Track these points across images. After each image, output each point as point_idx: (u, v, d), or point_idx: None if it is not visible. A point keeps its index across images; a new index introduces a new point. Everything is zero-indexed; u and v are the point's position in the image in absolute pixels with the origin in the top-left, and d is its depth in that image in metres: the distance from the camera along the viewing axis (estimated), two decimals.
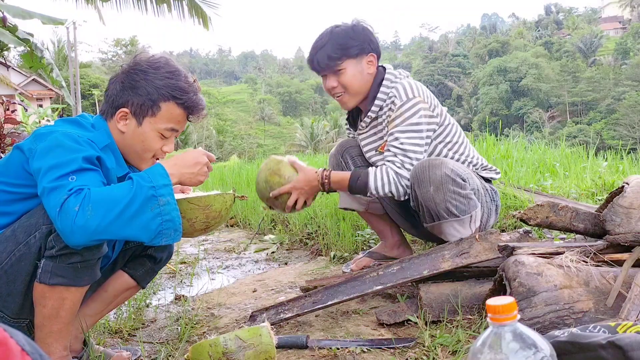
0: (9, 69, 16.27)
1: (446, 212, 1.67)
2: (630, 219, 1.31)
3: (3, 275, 1.17)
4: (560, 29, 78.71)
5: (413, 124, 1.74)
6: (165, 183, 1.16)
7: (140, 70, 1.32)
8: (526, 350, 0.67)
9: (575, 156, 3.57)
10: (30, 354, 0.53)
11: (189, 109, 1.35)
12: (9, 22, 3.66)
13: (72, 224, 1.06)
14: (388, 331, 1.51)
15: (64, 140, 1.17)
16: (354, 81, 1.79)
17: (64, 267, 1.15)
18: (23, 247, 1.16)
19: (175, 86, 1.31)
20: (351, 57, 1.77)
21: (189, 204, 1.30)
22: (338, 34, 1.78)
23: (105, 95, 1.37)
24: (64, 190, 1.08)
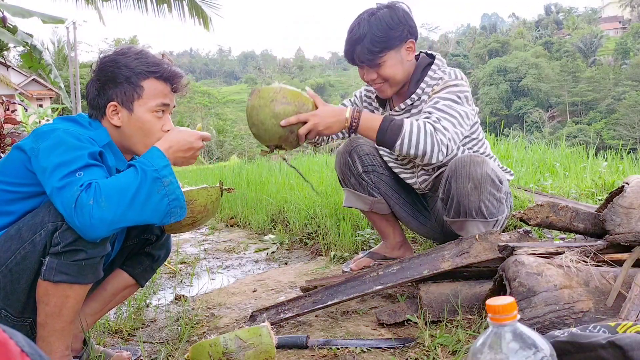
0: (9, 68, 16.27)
1: (476, 212, 1.65)
2: (630, 219, 1.31)
3: (7, 273, 1.17)
4: (560, 29, 78.71)
5: (456, 95, 1.66)
6: (165, 164, 1.19)
7: (109, 61, 1.32)
8: (526, 350, 0.67)
9: (575, 156, 3.57)
10: (30, 355, 0.53)
11: (169, 80, 1.34)
12: (9, 22, 3.66)
13: (90, 218, 1.08)
14: (388, 331, 1.51)
15: (67, 138, 1.18)
16: (395, 72, 1.72)
17: (68, 264, 1.15)
18: (28, 245, 1.16)
19: (147, 62, 1.32)
20: (392, 48, 1.68)
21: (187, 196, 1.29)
22: (377, 25, 1.66)
23: (88, 101, 1.36)
24: (75, 187, 1.10)
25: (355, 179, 2.00)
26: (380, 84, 1.75)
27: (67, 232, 1.14)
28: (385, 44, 1.67)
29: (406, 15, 1.71)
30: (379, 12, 1.69)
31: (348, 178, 2.02)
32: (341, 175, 2.04)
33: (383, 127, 1.57)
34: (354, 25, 1.71)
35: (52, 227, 1.15)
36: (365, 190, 2.01)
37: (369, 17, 1.68)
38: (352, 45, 1.69)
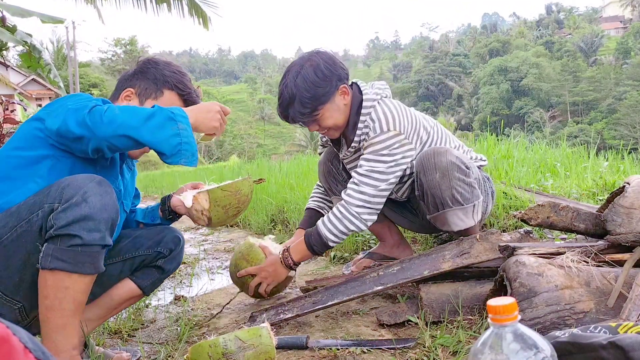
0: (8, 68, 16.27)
1: (451, 200, 1.66)
2: (631, 219, 1.31)
3: (2, 249, 1.17)
4: (561, 28, 78.71)
5: (379, 154, 1.68)
6: (184, 115, 1.22)
7: (153, 62, 1.48)
8: (527, 350, 0.66)
9: (576, 156, 3.56)
10: (33, 351, 0.53)
11: (186, 102, 1.46)
12: (9, 22, 3.66)
13: (101, 117, 1.15)
14: (388, 332, 1.50)
15: (81, 95, 1.28)
16: (333, 121, 1.74)
17: (64, 250, 1.13)
18: (25, 224, 1.16)
19: (180, 80, 1.46)
20: (325, 103, 1.70)
21: (223, 192, 1.44)
22: (303, 85, 1.66)
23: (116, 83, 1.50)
24: (90, 105, 1.18)
25: (342, 185, 2.01)
26: (326, 131, 1.81)
27: (61, 214, 1.13)
28: (315, 102, 1.68)
29: (330, 66, 1.70)
30: (303, 71, 1.68)
31: (335, 185, 2.03)
32: (327, 184, 2.05)
33: (309, 244, 1.73)
34: (282, 88, 1.72)
35: (48, 208, 1.15)
36: None
37: (294, 79, 1.68)
38: (285, 109, 1.73)
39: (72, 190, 1.14)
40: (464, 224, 1.69)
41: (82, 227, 1.13)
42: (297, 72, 1.69)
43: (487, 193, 1.86)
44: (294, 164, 6.13)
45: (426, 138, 1.81)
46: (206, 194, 1.45)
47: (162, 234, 1.50)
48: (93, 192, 1.15)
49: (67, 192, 1.14)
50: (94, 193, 1.16)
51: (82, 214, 1.13)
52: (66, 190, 1.15)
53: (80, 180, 1.16)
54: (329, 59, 1.72)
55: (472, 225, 1.71)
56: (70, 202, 1.13)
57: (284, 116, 1.76)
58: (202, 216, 1.46)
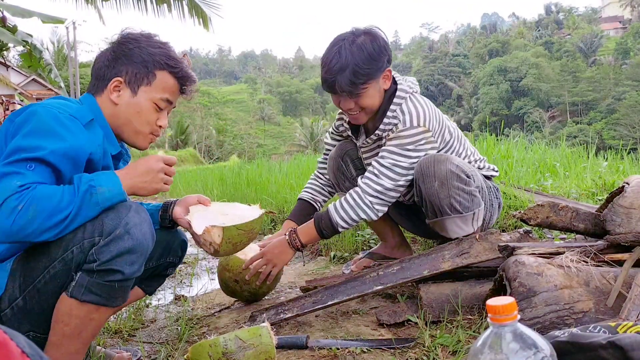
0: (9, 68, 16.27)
1: (449, 208, 1.66)
2: (630, 219, 1.31)
3: (35, 294, 1.09)
4: (561, 28, 78.72)
5: (405, 149, 1.67)
6: (112, 180, 1.10)
7: (132, 39, 1.27)
8: (526, 350, 0.67)
9: (576, 156, 3.57)
10: (31, 356, 0.53)
11: (182, 80, 1.31)
12: (9, 22, 3.66)
13: (11, 224, 0.98)
14: (388, 331, 1.51)
15: (43, 117, 1.09)
16: (372, 101, 1.70)
17: (100, 284, 1.07)
18: (58, 263, 1.07)
19: (169, 55, 1.28)
20: (374, 79, 1.66)
21: (238, 230, 1.35)
22: (360, 55, 1.61)
23: (93, 71, 1.29)
24: (14, 182, 1.01)
25: (350, 183, 2.00)
26: (356, 113, 1.73)
27: (104, 248, 1.06)
28: (368, 76, 1.63)
29: (385, 44, 1.68)
30: (359, 40, 1.63)
31: (342, 182, 2.02)
32: (335, 180, 2.04)
33: (319, 227, 1.70)
34: (334, 53, 1.64)
35: (88, 244, 1.07)
36: None
37: (350, 46, 1.62)
38: (334, 75, 1.63)
39: (113, 221, 1.08)
40: (462, 232, 1.69)
41: (125, 261, 1.08)
42: (352, 40, 1.63)
43: (491, 204, 1.84)
44: (294, 164, 6.13)
45: (449, 139, 1.80)
46: (220, 230, 1.33)
47: (169, 241, 1.43)
48: (134, 223, 1.09)
49: (108, 224, 1.07)
50: (135, 223, 1.09)
51: (126, 248, 1.07)
52: (106, 221, 1.07)
53: (119, 211, 1.09)
54: (384, 39, 1.69)
55: (471, 232, 1.70)
56: (114, 235, 1.07)
57: (329, 83, 1.66)
58: (209, 246, 1.36)
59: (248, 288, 1.85)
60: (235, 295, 1.92)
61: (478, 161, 1.92)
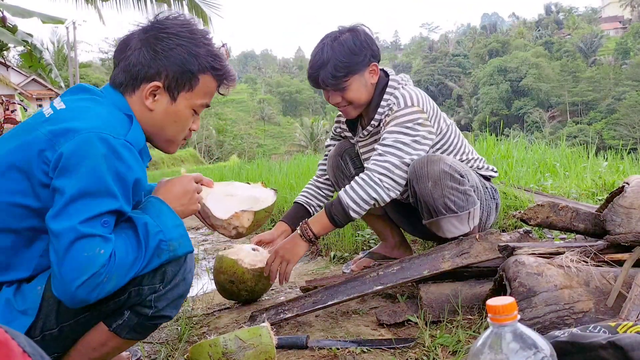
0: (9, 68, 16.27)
1: (444, 208, 1.67)
2: (630, 219, 1.31)
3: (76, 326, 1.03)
4: (561, 28, 78.72)
5: (404, 127, 1.69)
6: (176, 224, 1.04)
7: (173, 35, 1.08)
8: (526, 350, 0.67)
9: (576, 156, 3.57)
10: (32, 355, 0.53)
11: (223, 80, 1.17)
12: (9, 22, 3.66)
13: (94, 298, 0.93)
14: (388, 331, 1.51)
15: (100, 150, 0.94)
16: (358, 95, 1.75)
17: (147, 325, 1.06)
18: (112, 303, 1.02)
19: (213, 54, 1.12)
20: (356, 73, 1.72)
21: (265, 213, 1.40)
22: (340, 50, 1.69)
23: (122, 62, 1.10)
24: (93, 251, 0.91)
25: (349, 181, 2.00)
26: (345, 106, 1.79)
27: (163, 296, 1.04)
28: (348, 69, 1.70)
29: (368, 39, 1.74)
30: (342, 37, 1.71)
31: (342, 180, 2.02)
32: (334, 178, 2.04)
33: (330, 214, 1.66)
34: (317, 49, 1.73)
35: (149, 290, 1.03)
36: None
37: (332, 42, 1.71)
38: (316, 70, 1.72)
39: (175, 267, 1.05)
40: (458, 231, 1.69)
41: (176, 305, 1.09)
42: (335, 37, 1.72)
43: (488, 204, 1.84)
44: (294, 164, 6.13)
45: (445, 130, 1.83)
46: (252, 214, 1.35)
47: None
48: (189, 267, 1.09)
49: (170, 272, 1.05)
50: (190, 268, 1.09)
51: (180, 294, 1.08)
52: (169, 268, 1.04)
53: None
54: (368, 34, 1.76)
55: (467, 231, 1.70)
56: (174, 283, 1.05)
57: (313, 78, 1.75)
58: (232, 230, 1.34)
59: (245, 287, 1.85)
60: (234, 297, 1.92)
61: (476, 160, 1.92)
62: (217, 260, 1.90)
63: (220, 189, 1.41)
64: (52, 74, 4.13)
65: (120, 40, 1.13)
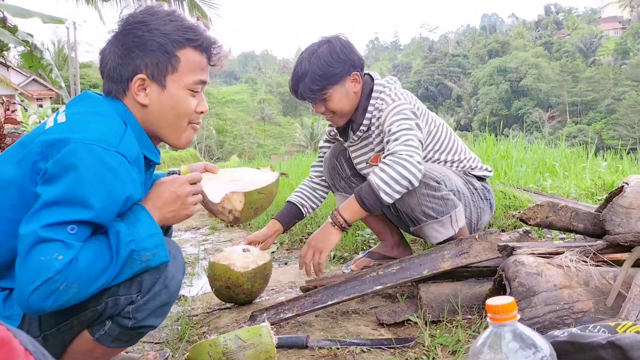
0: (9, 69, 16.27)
1: (423, 215, 1.69)
2: (629, 218, 1.31)
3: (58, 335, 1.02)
4: (560, 29, 78.71)
5: (403, 114, 1.72)
6: (152, 232, 0.99)
7: (138, 23, 1.07)
8: (526, 350, 0.67)
9: (575, 156, 3.57)
10: (34, 354, 0.54)
11: (208, 50, 1.12)
12: (9, 22, 3.66)
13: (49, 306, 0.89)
14: (388, 331, 1.51)
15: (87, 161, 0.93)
16: (340, 105, 1.79)
17: (130, 334, 1.05)
18: (90, 312, 1.01)
19: (183, 26, 1.08)
20: (335, 84, 1.75)
21: (259, 195, 1.32)
22: (317, 63, 1.73)
23: (105, 73, 1.10)
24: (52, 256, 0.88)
25: (345, 182, 2.02)
26: (330, 115, 1.84)
27: (142, 307, 1.01)
28: (325, 81, 1.74)
29: (345, 50, 1.76)
30: (319, 50, 1.76)
31: (338, 182, 2.03)
32: (331, 180, 2.05)
33: (360, 198, 1.61)
34: (297, 63, 1.79)
35: (125, 300, 1.00)
36: None
37: (309, 56, 1.76)
38: (295, 84, 1.79)
39: (153, 277, 1.01)
40: (442, 236, 1.71)
41: (158, 314, 1.05)
42: (313, 50, 1.77)
43: (478, 205, 1.86)
44: (294, 164, 6.13)
45: (435, 131, 1.86)
46: (242, 195, 1.28)
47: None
48: (172, 274, 1.03)
49: (147, 281, 1.01)
50: (173, 275, 1.03)
51: (162, 302, 1.04)
52: (146, 277, 1.00)
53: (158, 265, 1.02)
54: (347, 44, 1.78)
55: (452, 234, 1.71)
56: (153, 293, 1.01)
57: (294, 91, 1.82)
58: (228, 214, 1.30)
59: (241, 290, 1.85)
60: (232, 301, 1.93)
61: (469, 160, 1.92)
62: (210, 267, 1.90)
63: (226, 175, 1.36)
64: (52, 74, 4.13)
65: (99, 53, 1.12)
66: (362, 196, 1.60)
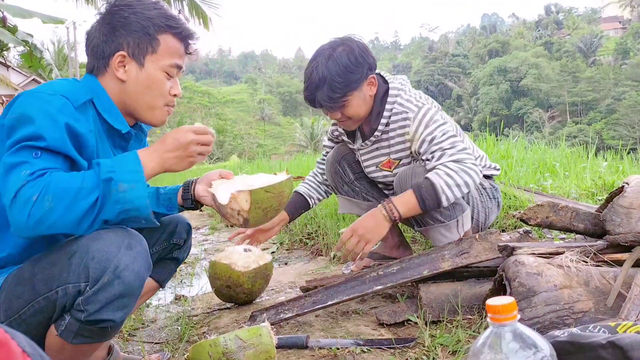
0: (9, 68, 16.27)
1: (430, 219, 1.68)
2: (630, 219, 1.31)
3: (22, 323, 1.02)
4: (560, 29, 78.73)
5: (435, 120, 1.67)
6: (133, 169, 1.01)
7: (124, 5, 1.16)
8: (526, 350, 0.67)
9: (575, 156, 3.58)
10: (31, 356, 0.53)
11: (185, 39, 1.21)
12: (9, 22, 3.66)
13: (27, 218, 0.93)
14: (388, 331, 1.51)
15: (32, 101, 1.02)
16: (358, 110, 1.71)
17: (92, 330, 1.01)
18: (43, 300, 1.00)
19: (167, 15, 1.18)
20: (355, 90, 1.66)
21: (266, 193, 1.26)
22: (336, 69, 1.62)
23: (89, 50, 1.18)
24: (22, 171, 0.95)
25: (348, 187, 2.00)
26: (345, 121, 1.75)
27: (92, 298, 0.97)
28: (346, 88, 1.63)
29: (363, 52, 1.67)
30: (336, 54, 1.63)
31: (341, 186, 2.02)
32: (333, 183, 2.04)
33: (420, 197, 1.56)
34: (312, 69, 1.66)
35: (73, 289, 0.98)
36: (360, 196, 2.01)
37: (326, 61, 1.63)
38: (312, 92, 1.66)
39: (100, 265, 0.97)
40: (446, 240, 1.69)
41: (116, 307, 1.00)
42: (329, 55, 1.64)
43: (486, 205, 1.84)
44: (294, 164, 6.14)
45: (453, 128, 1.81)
46: (247, 194, 1.24)
47: (173, 224, 1.41)
48: (125, 264, 0.99)
49: (94, 270, 0.97)
50: (126, 264, 0.99)
51: (116, 294, 0.98)
52: (92, 266, 0.97)
53: (107, 251, 0.98)
54: (363, 45, 1.69)
55: (456, 239, 1.69)
56: (102, 283, 0.97)
57: (310, 99, 1.69)
58: (237, 216, 1.27)
59: (242, 290, 1.86)
60: (232, 300, 1.93)
61: (479, 159, 1.91)
62: (211, 266, 1.90)
63: (240, 181, 1.33)
64: (52, 74, 4.14)
65: (85, 33, 1.20)
66: (423, 195, 1.56)
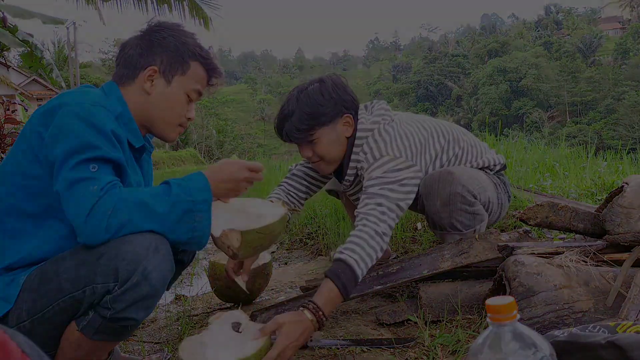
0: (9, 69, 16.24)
1: (450, 227, 1.66)
2: (629, 218, 1.32)
3: (44, 322, 1.05)
4: (560, 29, 78.72)
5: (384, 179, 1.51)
6: (205, 198, 1.09)
7: (166, 28, 1.26)
8: (526, 350, 0.67)
9: (575, 156, 3.58)
10: (31, 356, 0.53)
11: (211, 72, 1.30)
12: (10, 23, 3.67)
13: (104, 233, 0.98)
14: (388, 331, 1.51)
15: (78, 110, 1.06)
16: (330, 150, 1.61)
17: (114, 327, 1.04)
18: (69, 299, 1.03)
19: (201, 46, 1.28)
20: (324, 125, 1.57)
21: (258, 234, 1.24)
22: (306, 101, 1.57)
23: (121, 59, 1.25)
24: (91, 187, 0.99)
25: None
26: (317, 161, 1.65)
27: (120, 297, 1.00)
28: (313, 121, 1.57)
29: (338, 89, 1.60)
30: (309, 88, 1.61)
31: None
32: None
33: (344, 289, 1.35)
34: (284, 102, 1.64)
35: (102, 289, 1.01)
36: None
37: (298, 94, 1.61)
38: (281, 122, 1.62)
39: (129, 266, 1.00)
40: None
41: (140, 307, 1.03)
42: (302, 89, 1.62)
43: (501, 203, 1.78)
44: (293, 164, 6.12)
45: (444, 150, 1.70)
46: (238, 233, 1.22)
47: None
48: (153, 266, 1.02)
49: (123, 271, 1.00)
50: (154, 267, 1.02)
51: (142, 295, 1.02)
52: (122, 267, 1.00)
53: (137, 252, 1.00)
54: (340, 83, 1.62)
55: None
56: (131, 283, 1.00)
57: (278, 130, 1.64)
58: (227, 249, 1.26)
59: (242, 290, 1.85)
60: (233, 300, 1.94)
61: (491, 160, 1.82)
62: (210, 267, 1.91)
63: (237, 205, 1.29)
64: (53, 74, 4.14)
65: (120, 44, 1.28)
66: (346, 286, 1.36)
